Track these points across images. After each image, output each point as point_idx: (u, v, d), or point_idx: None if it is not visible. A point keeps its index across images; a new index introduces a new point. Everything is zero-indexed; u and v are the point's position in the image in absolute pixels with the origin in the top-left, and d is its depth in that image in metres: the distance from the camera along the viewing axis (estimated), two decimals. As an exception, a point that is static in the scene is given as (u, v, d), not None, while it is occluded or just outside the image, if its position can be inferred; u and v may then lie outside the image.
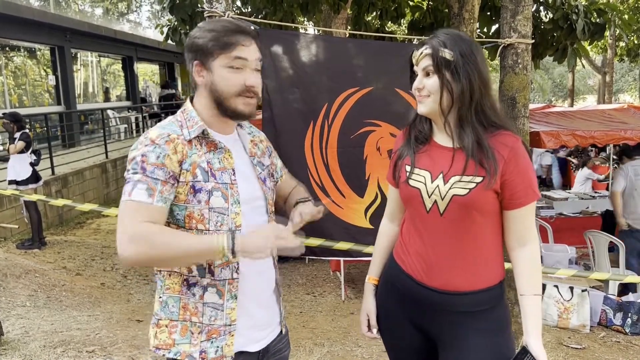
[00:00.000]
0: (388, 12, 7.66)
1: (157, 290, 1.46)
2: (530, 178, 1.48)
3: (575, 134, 5.83)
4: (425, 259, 1.54)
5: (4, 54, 11.10)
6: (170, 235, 1.30)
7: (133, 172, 1.32)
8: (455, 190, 1.47)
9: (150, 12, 30.51)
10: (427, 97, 1.49)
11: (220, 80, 1.38)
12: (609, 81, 18.31)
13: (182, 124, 1.41)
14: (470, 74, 1.45)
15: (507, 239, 1.54)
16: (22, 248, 6.25)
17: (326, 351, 3.71)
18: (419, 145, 1.59)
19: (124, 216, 1.29)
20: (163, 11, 14.86)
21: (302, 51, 3.35)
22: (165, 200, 1.33)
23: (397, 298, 1.64)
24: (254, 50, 1.40)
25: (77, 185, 8.77)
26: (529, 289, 1.49)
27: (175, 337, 1.40)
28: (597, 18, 6.13)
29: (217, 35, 1.37)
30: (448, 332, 1.55)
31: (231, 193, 1.40)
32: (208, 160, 1.39)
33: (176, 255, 1.28)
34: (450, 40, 1.47)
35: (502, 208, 1.50)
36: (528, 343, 1.46)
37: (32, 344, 3.55)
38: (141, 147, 1.34)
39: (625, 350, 4.13)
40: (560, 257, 5.46)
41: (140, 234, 1.25)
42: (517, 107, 3.37)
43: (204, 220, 1.37)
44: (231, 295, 1.40)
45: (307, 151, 3.37)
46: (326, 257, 3.95)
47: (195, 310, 1.39)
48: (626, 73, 32.75)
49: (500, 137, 1.47)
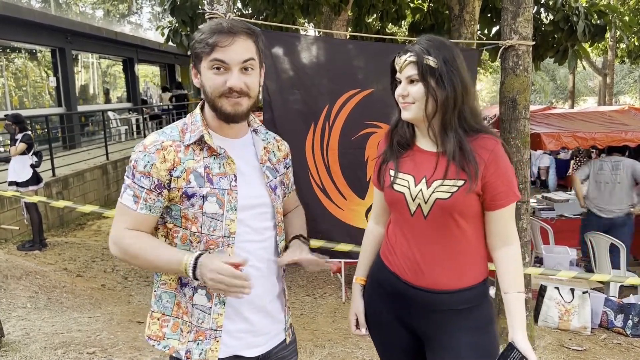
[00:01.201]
0: (389, 14, 7.67)
1: (154, 283, 1.49)
2: (510, 180, 1.52)
3: (576, 135, 5.83)
4: (411, 260, 1.58)
5: (5, 55, 11.12)
6: (142, 246, 1.36)
7: (127, 176, 1.39)
8: (437, 194, 1.50)
9: (151, 14, 30.56)
10: (412, 104, 1.52)
11: (206, 81, 1.38)
12: (610, 83, 18.31)
13: (187, 127, 1.43)
14: (454, 80, 1.48)
15: (489, 239, 1.57)
16: (23, 249, 6.25)
17: (327, 353, 3.70)
18: (401, 150, 1.62)
19: (115, 217, 1.41)
20: (164, 13, 14.88)
21: (303, 53, 3.35)
22: (150, 208, 1.37)
23: (384, 297, 1.68)
24: (235, 50, 1.35)
25: (78, 186, 8.77)
26: (513, 286, 1.53)
27: (166, 331, 1.43)
28: (597, 20, 6.13)
29: (202, 37, 1.37)
30: (435, 330, 1.59)
31: (228, 199, 1.39)
32: (207, 165, 1.39)
33: (146, 264, 1.39)
34: (433, 48, 1.49)
35: (484, 209, 1.54)
36: (515, 340, 1.49)
37: (32, 345, 3.55)
38: (136, 152, 1.38)
39: (627, 352, 4.12)
40: (561, 259, 5.46)
41: (117, 239, 1.38)
42: (518, 109, 3.37)
43: (197, 223, 1.39)
44: (219, 300, 1.40)
45: (308, 153, 3.37)
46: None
47: (186, 309, 1.42)
48: (627, 75, 32.74)
49: (480, 140, 1.51)
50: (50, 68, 12.30)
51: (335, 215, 3.46)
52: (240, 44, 1.36)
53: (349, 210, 3.47)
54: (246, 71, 1.38)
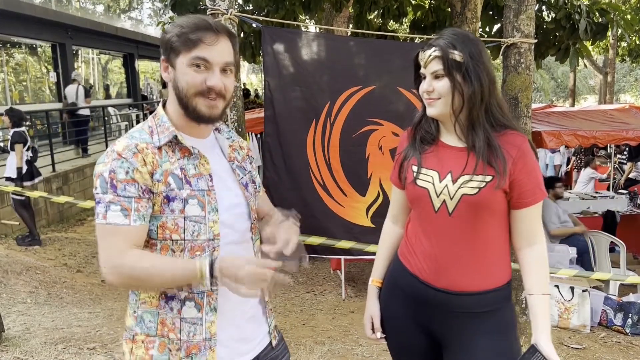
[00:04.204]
0: (390, 11, 7.64)
1: (131, 304, 1.38)
2: (537, 177, 1.48)
3: (577, 134, 5.82)
4: (433, 259, 1.53)
5: (6, 50, 11.10)
6: (153, 262, 1.26)
7: (102, 192, 1.25)
8: (464, 189, 1.46)
9: (151, 10, 30.50)
10: (437, 99, 1.47)
11: (181, 77, 1.31)
12: (610, 81, 18.28)
13: (152, 129, 1.34)
14: (481, 75, 1.44)
15: (515, 238, 1.53)
16: (23, 244, 6.25)
17: (327, 350, 3.71)
18: (424, 146, 1.57)
19: (102, 242, 1.26)
20: (165, 8, 14.83)
21: (304, 49, 3.35)
22: (144, 217, 1.27)
23: (402, 299, 1.62)
24: (220, 50, 1.30)
25: (78, 182, 8.77)
26: (538, 288, 1.47)
27: (153, 353, 1.32)
28: (599, 18, 6.11)
29: (183, 31, 1.30)
30: (454, 333, 1.54)
31: (208, 200, 1.32)
32: (182, 166, 1.32)
33: (160, 282, 1.27)
34: (458, 42, 1.45)
35: (510, 207, 1.49)
36: (538, 342, 1.44)
37: (32, 340, 3.55)
38: (108, 162, 1.26)
39: (626, 351, 4.13)
40: (561, 257, 5.45)
41: (116, 264, 1.24)
42: (520, 107, 3.36)
43: (179, 230, 1.30)
44: (210, 307, 1.34)
45: (309, 149, 3.37)
46: (327, 255, 3.95)
47: (172, 326, 1.32)
48: (627, 73, 32.71)
49: (507, 136, 1.47)
50: (50, 63, 12.28)
51: (336, 212, 3.46)
52: (223, 44, 1.32)
53: (350, 208, 3.47)
54: (225, 73, 1.33)
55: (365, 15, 7.82)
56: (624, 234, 5.86)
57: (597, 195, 7.61)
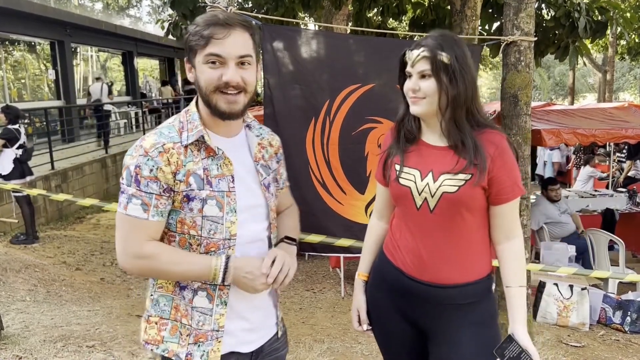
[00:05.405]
0: (389, 9, 7.64)
1: (149, 288, 1.45)
2: (515, 174, 1.54)
3: (576, 132, 5.82)
4: (416, 254, 1.59)
5: (4, 48, 11.07)
6: (172, 255, 1.34)
7: (127, 184, 1.31)
8: (445, 187, 1.52)
9: (150, 7, 30.46)
10: (422, 99, 1.52)
11: (200, 75, 1.33)
12: (610, 79, 18.30)
13: (183, 126, 1.36)
14: (466, 78, 1.49)
15: (494, 233, 1.59)
16: (17, 243, 6.22)
17: (326, 347, 3.71)
18: (407, 145, 1.63)
19: (122, 232, 1.34)
20: (164, 6, 14.80)
21: (304, 47, 3.34)
22: (162, 214, 1.33)
23: (387, 292, 1.68)
24: (231, 43, 1.30)
25: (77, 180, 8.76)
26: (515, 280, 1.54)
27: (164, 335, 1.40)
28: (599, 16, 6.10)
29: (196, 29, 1.31)
30: (438, 325, 1.60)
31: (227, 201, 1.36)
32: (205, 166, 1.35)
33: (178, 273, 1.36)
34: (446, 44, 1.49)
35: (489, 203, 1.55)
36: (515, 332, 1.51)
37: (32, 338, 3.55)
38: (135, 156, 1.31)
39: (625, 349, 4.14)
40: (560, 256, 5.46)
41: (137, 252, 1.32)
42: (520, 105, 3.36)
43: (196, 227, 1.35)
44: (221, 300, 1.38)
45: (309, 147, 3.36)
46: (326, 253, 3.95)
47: (185, 312, 1.39)
48: (627, 72, 32.71)
49: (487, 134, 1.53)
50: (49, 61, 12.25)
51: (335, 210, 3.46)
52: (236, 37, 1.31)
53: (349, 205, 3.47)
54: (243, 65, 1.33)
55: (364, 13, 7.82)
56: (623, 232, 5.87)
57: (597, 194, 7.63)
